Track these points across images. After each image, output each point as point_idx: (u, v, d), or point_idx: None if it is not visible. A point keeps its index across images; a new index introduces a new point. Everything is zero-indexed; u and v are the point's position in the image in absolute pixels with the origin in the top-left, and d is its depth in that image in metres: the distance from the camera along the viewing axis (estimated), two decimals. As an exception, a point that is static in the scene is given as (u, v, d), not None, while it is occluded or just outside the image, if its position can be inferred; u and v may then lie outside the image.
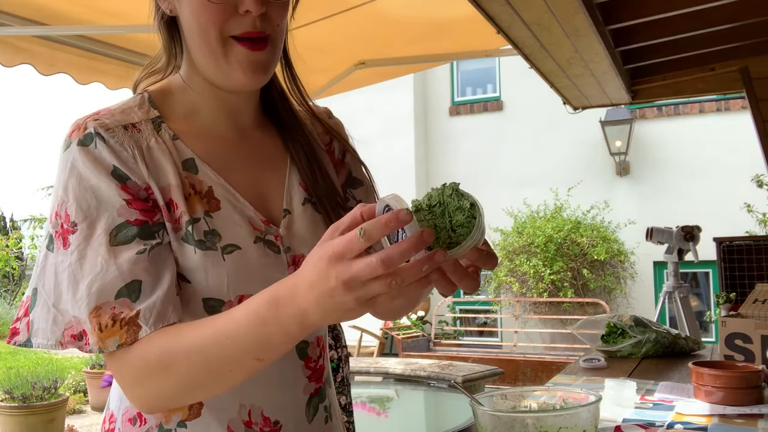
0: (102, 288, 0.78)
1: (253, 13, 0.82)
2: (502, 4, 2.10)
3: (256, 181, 0.92)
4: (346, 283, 0.63)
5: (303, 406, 0.92)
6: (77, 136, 0.83)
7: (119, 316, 0.77)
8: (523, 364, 6.96)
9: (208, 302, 0.84)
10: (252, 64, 0.85)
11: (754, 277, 3.52)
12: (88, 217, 0.80)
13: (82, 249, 0.79)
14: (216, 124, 0.93)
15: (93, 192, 0.81)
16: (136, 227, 0.80)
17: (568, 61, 2.77)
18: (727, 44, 3.05)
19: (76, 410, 6.17)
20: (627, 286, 8.03)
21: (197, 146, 0.89)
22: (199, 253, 0.83)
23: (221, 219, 0.86)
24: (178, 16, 0.88)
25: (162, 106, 0.90)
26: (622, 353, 2.13)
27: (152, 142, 0.86)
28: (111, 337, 0.77)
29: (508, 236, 8.23)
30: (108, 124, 0.84)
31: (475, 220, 0.69)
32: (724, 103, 7.94)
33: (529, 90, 8.12)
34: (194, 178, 0.87)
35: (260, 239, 0.88)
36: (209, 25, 0.83)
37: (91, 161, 0.81)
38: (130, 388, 0.81)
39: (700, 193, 7.89)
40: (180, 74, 0.92)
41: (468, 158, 9.22)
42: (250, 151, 0.94)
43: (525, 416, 1.00)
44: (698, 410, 1.42)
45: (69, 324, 0.80)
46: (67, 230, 0.80)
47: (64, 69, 2.55)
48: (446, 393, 4.44)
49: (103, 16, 2.62)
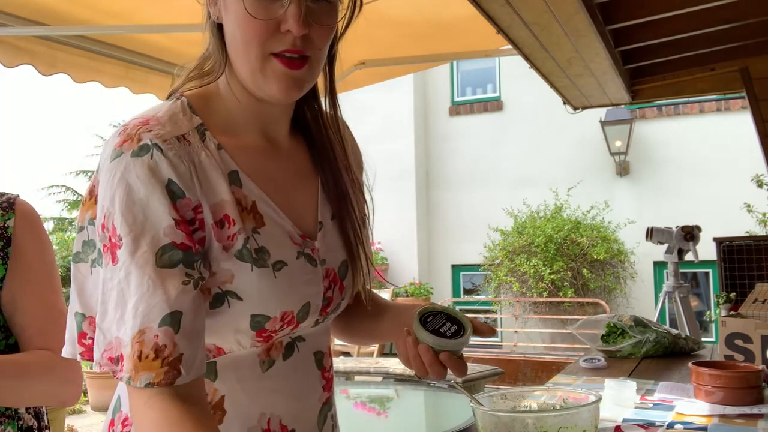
0: (147, 310, 0.74)
1: (294, 34, 0.81)
2: (502, 4, 2.10)
3: (289, 193, 0.91)
4: None
5: (316, 415, 0.94)
6: (130, 147, 0.78)
7: (163, 352, 0.73)
8: (523, 364, 6.95)
9: (255, 318, 0.83)
10: (287, 80, 0.84)
11: (754, 277, 3.52)
12: (133, 231, 0.76)
13: (128, 265, 0.75)
14: (252, 133, 0.91)
15: (141, 206, 0.77)
16: (181, 252, 0.77)
17: (568, 61, 2.77)
18: (727, 44, 3.05)
19: (76, 410, 6.17)
20: (627, 286, 8.03)
21: (238, 157, 0.87)
22: (255, 271, 0.82)
23: (267, 235, 0.85)
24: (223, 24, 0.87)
25: (202, 114, 0.87)
26: (622, 353, 2.13)
27: (203, 156, 0.83)
28: (145, 372, 0.73)
29: (508, 236, 8.23)
30: (164, 135, 0.80)
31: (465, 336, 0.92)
32: (724, 103, 7.94)
33: (529, 90, 8.12)
34: (240, 192, 0.85)
35: (301, 254, 0.88)
36: (251, 39, 0.82)
37: (145, 174, 0.77)
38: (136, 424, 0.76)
39: (700, 193, 7.89)
40: (221, 82, 0.90)
41: (468, 158, 9.22)
42: (283, 163, 0.93)
43: (525, 416, 1.00)
44: (698, 410, 1.42)
45: (109, 345, 0.76)
46: (114, 245, 0.76)
47: (63, 69, 2.55)
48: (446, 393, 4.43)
49: (102, 16, 2.62)
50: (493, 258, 8.34)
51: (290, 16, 0.81)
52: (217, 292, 0.82)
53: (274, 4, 0.81)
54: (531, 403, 1.13)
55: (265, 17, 0.81)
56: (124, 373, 0.74)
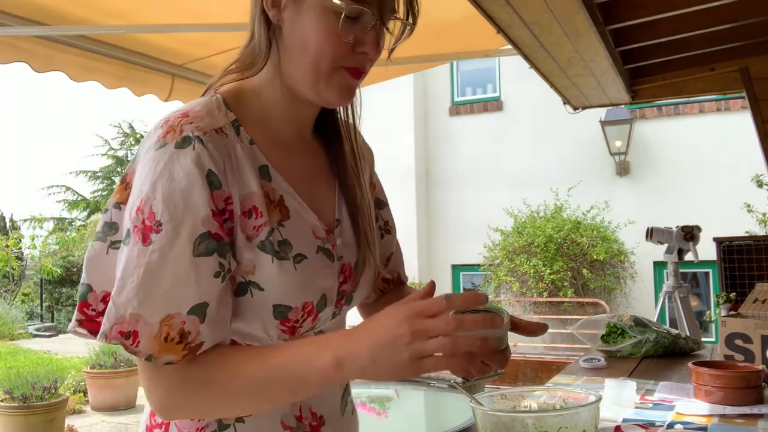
0: (179, 297, 0.79)
1: (369, 56, 0.89)
2: (502, 4, 2.09)
3: (312, 189, 0.95)
4: (415, 333, 0.72)
5: (339, 401, 1.01)
6: (173, 138, 0.82)
7: (187, 338, 0.79)
8: (523, 364, 6.95)
9: (277, 308, 0.87)
10: (347, 89, 0.90)
11: (754, 277, 3.52)
12: (174, 219, 0.79)
13: (165, 251, 0.79)
14: (284, 131, 0.94)
15: (182, 195, 0.80)
16: (216, 242, 0.81)
17: (568, 61, 2.77)
18: (727, 44, 3.05)
19: (76, 410, 6.17)
20: (627, 286, 8.03)
21: (269, 153, 0.91)
22: (276, 263, 0.86)
23: (291, 228, 0.89)
24: (281, 27, 0.90)
25: (236, 110, 0.91)
26: (622, 353, 2.13)
27: (237, 148, 0.87)
28: (168, 353, 0.78)
29: (508, 236, 8.22)
30: (204, 128, 0.84)
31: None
32: (724, 103, 7.94)
33: (529, 90, 8.12)
34: (268, 186, 0.89)
35: (321, 248, 0.92)
36: (328, 53, 0.87)
37: (188, 164, 0.81)
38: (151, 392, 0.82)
39: (700, 193, 7.89)
40: (258, 79, 0.93)
41: (468, 158, 9.22)
42: (308, 160, 0.97)
43: (525, 416, 0.99)
44: (698, 410, 1.42)
45: (122, 319, 0.79)
46: (149, 227, 0.79)
47: (59, 67, 2.55)
48: (446, 393, 4.42)
49: (102, 15, 2.61)
50: (493, 258, 8.34)
51: (369, 41, 0.88)
52: (241, 282, 0.86)
53: (356, 26, 0.87)
54: (531, 403, 1.13)
55: (348, 38, 0.86)
56: (142, 350, 0.78)
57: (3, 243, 13.79)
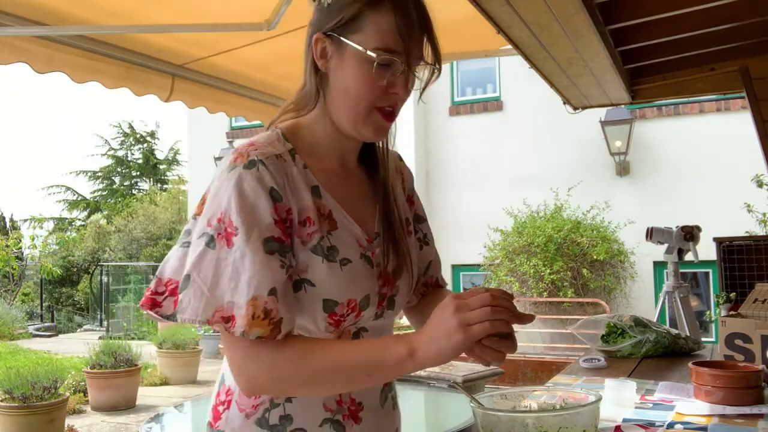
0: (259, 283, 0.97)
1: (400, 97, 1.08)
2: (502, 4, 2.09)
3: (355, 206, 1.14)
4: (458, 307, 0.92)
5: (378, 394, 1.16)
6: (242, 161, 1.02)
7: (270, 314, 0.97)
8: (523, 364, 6.95)
9: (326, 302, 1.05)
10: (382, 129, 1.10)
11: (754, 277, 3.52)
12: (245, 224, 0.99)
13: (244, 250, 0.98)
14: (331, 159, 1.14)
15: (251, 207, 1.00)
16: (278, 244, 1.01)
17: (568, 61, 2.77)
18: (727, 44, 3.05)
19: (76, 410, 6.17)
20: (627, 286, 8.03)
21: (319, 176, 1.10)
22: (325, 263, 1.05)
23: (338, 237, 1.08)
24: (328, 75, 1.09)
25: (293, 141, 1.11)
26: (622, 353, 2.13)
27: (293, 170, 1.07)
28: (257, 328, 0.96)
29: (508, 236, 8.22)
30: (266, 154, 1.04)
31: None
32: (724, 103, 7.94)
33: (529, 90, 8.12)
34: (319, 202, 1.08)
35: (363, 255, 1.11)
36: (366, 96, 1.06)
37: (254, 182, 1.01)
38: (247, 369, 0.99)
39: (700, 193, 7.89)
40: (310, 116, 1.13)
41: (468, 158, 9.22)
42: (351, 183, 1.17)
43: (525, 416, 1.00)
44: (698, 410, 1.42)
45: (221, 307, 0.98)
46: (230, 233, 0.99)
47: (60, 67, 2.54)
48: (446, 393, 4.42)
49: (102, 15, 2.61)
50: (493, 258, 8.34)
51: (400, 84, 1.06)
52: (297, 279, 1.04)
53: (387, 72, 1.05)
54: (531, 403, 1.13)
55: (382, 82, 1.05)
56: (237, 328, 0.97)
57: (3, 243, 13.80)
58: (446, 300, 0.95)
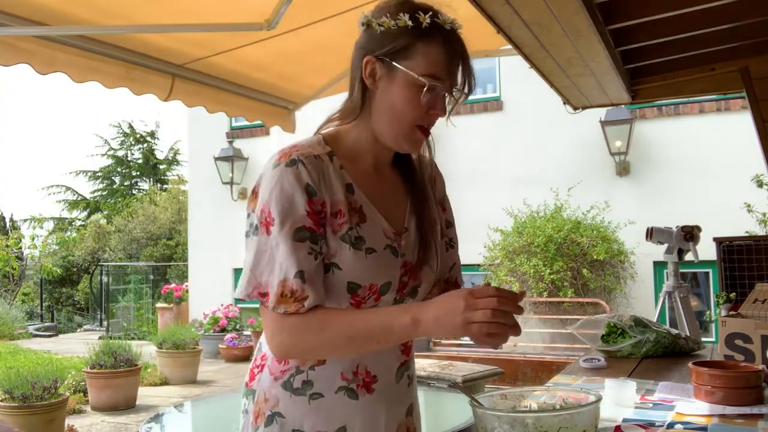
0: (287, 267, 1.16)
1: (439, 116, 1.25)
2: (502, 4, 2.09)
3: (386, 204, 1.30)
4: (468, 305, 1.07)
5: (395, 370, 1.32)
6: (284, 160, 1.19)
7: (296, 294, 1.16)
8: (523, 364, 6.95)
9: (350, 285, 1.21)
10: (418, 143, 1.28)
11: (754, 277, 3.52)
12: (280, 215, 1.17)
13: (278, 238, 1.17)
14: (366, 163, 1.30)
15: (288, 200, 1.17)
16: (309, 233, 1.18)
17: (568, 61, 2.77)
18: (727, 44, 3.05)
19: (76, 410, 6.16)
20: (627, 286, 8.02)
21: (354, 176, 1.26)
22: (352, 251, 1.21)
23: (366, 229, 1.24)
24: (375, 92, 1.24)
25: (332, 146, 1.27)
26: (622, 353, 2.13)
27: (330, 169, 1.23)
28: (284, 304, 1.16)
29: (508, 236, 8.22)
30: (305, 154, 1.21)
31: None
32: (724, 103, 7.93)
33: (529, 90, 8.11)
34: (352, 198, 1.24)
35: (389, 246, 1.26)
36: (408, 115, 1.22)
37: (293, 178, 1.18)
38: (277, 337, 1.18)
39: (700, 193, 7.88)
40: (351, 125, 1.28)
41: (468, 158, 9.21)
42: (383, 184, 1.32)
43: (525, 416, 1.00)
44: (698, 410, 1.42)
45: (259, 285, 1.18)
46: (269, 223, 1.18)
47: (61, 67, 2.54)
48: (446, 393, 4.42)
49: (102, 15, 2.61)
50: (493, 258, 8.34)
51: (440, 107, 1.23)
52: (327, 263, 1.20)
53: (430, 95, 1.21)
54: (531, 403, 1.13)
55: (425, 105, 1.21)
56: (270, 303, 1.17)
57: (3, 243, 13.80)
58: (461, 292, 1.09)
